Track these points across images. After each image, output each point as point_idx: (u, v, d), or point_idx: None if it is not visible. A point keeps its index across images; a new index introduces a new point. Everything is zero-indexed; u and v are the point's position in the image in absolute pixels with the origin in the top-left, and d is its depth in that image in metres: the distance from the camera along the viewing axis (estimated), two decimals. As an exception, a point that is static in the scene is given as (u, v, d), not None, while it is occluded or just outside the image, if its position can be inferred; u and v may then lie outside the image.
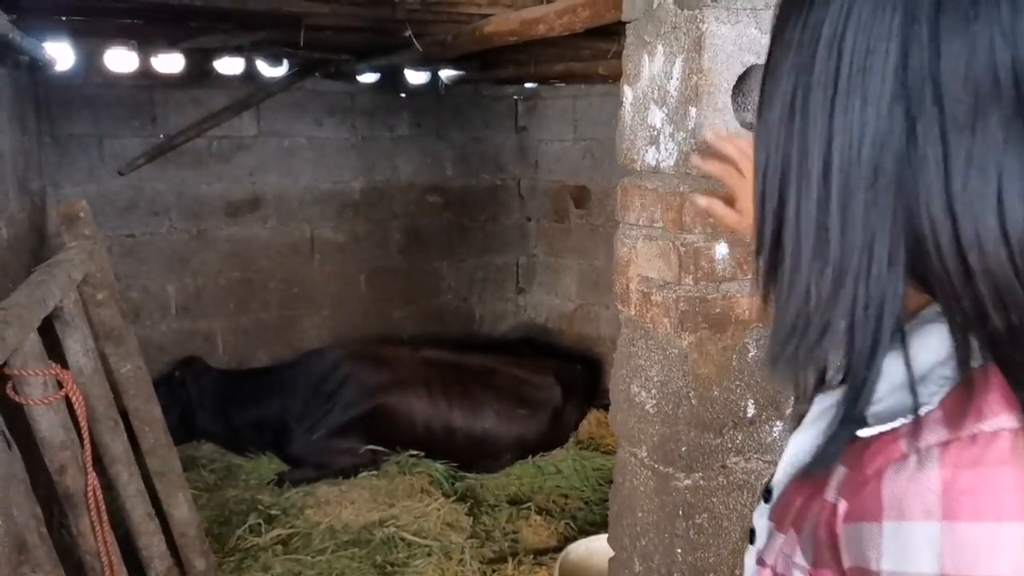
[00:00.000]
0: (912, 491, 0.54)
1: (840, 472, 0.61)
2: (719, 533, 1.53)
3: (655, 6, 1.44)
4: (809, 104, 0.60)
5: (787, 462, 0.69)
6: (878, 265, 0.58)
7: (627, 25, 1.55)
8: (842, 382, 0.64)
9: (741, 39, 1.35)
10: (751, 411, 1.50)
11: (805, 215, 0.61)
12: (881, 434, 0.58)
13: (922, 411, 0.56)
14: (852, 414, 0.61)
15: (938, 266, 0.56)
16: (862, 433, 0.59)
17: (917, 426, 0.56)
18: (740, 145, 1.25)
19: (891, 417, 0.58)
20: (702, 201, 1.26)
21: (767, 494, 0.72)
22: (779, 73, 0.63)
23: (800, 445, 0.68)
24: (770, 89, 0.64)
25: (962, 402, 0.55)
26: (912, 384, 0.58)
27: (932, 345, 0.59)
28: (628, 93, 1.55)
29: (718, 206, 1.27)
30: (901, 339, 0.60)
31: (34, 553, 1.74)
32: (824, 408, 0.66)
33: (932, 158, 0.55)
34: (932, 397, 0.57)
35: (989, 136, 0.54)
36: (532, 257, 5.28)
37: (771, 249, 0.65)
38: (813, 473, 0.63)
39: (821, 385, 0.70)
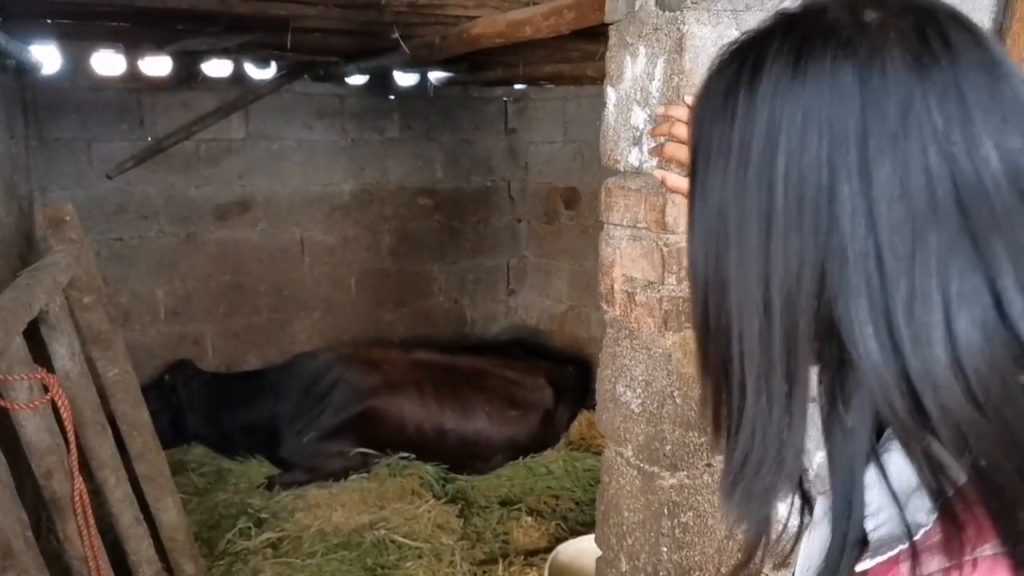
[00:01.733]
0: None
1: None
2: (704, 531, 1.53)
3: (637, 8, 1.45)
4: (745, 236, 0.57)
5: (802, 568, 0.67)
6: (828, 399, 0.56)
7: (610, 27, 1.56)
8: None
9: (721, 40, 1.36)
10: (735, 410, 1.51)
11: (748, 348, 0.58)
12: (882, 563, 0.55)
13: (919, 534, 0.54)
14: (847, 537, 0.58)
15: (887, 408, 0.53)
16: (861, 567, 0.56)
17: (915, 552, 0.53)
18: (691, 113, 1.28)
19: (890, 543, 0.55)
20: (658, 174, 1.33)
21: None
22: (709, 189, 0.60)
23: (810, 551, 0.66)
24: (701, 204, 0.61)
25: (955, 523, 0.52)
26: (900, 508, 0.55)
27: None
28: (611, 94, 1.56)
29: (672, 177, 1.31)
30: (876, 456, 0.57)
31: (20, 558, 1.73)
32: (827, 507, 0.64)
33: (866, 292, 0.52)
34: (929, 516, 0.54)
35: (930, 261, 0.51)
36: (523, 259, 5.29)
37: (717, 377, 0.62)
38: None
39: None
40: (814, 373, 0.58)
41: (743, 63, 0.58)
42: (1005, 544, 0.49)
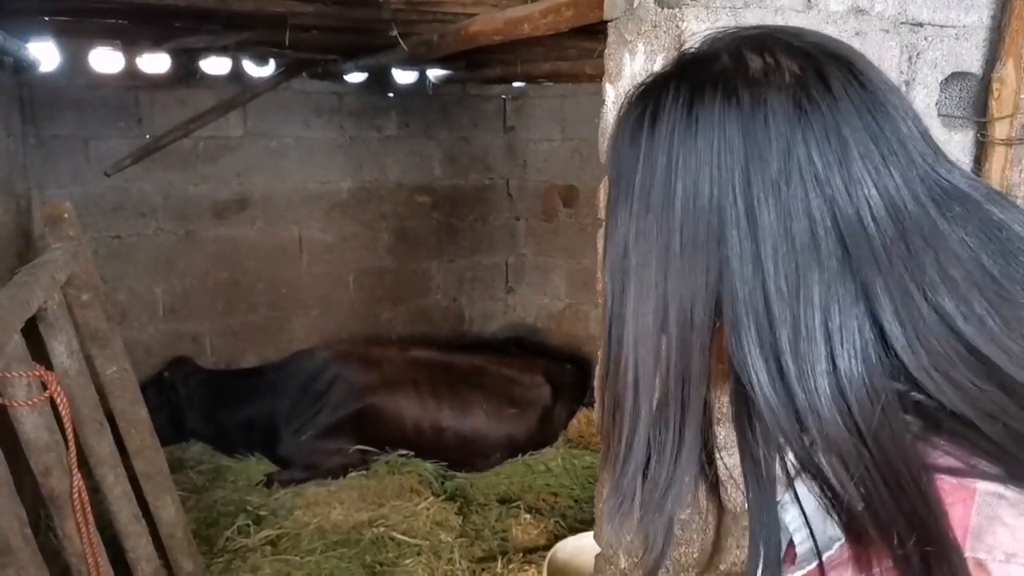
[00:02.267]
0: None
1: None
2: (703, 528, 1.54)
3: (636, 5, 1.45)
4: (644, 274, 0.60)
5: None
6: (735, 423, 0.59)
7: (608, 24, 1.55)
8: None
9: (720, 37, 1.36)
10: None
11: (644, 380, 0.61)
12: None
13: (835, 547, 0.56)
14: (765, 555, 0.61)
15: (781, 437, 0.56)
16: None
17: (831, 566, 0.56)
18: None
19: (810, 557, 0.58)
20: None
21: None
22: (616, 228, 0.63)
23: None
24: (610, 241, 0.64)
25: (861, 539, 0.54)
26: (810, 530, 0.58)
27: None
28: (610, 91, 1.56)
29: None
30: (788, 479, 0.60)
31: (18, 555, 1.73)
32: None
33: (755, 329, 0.55)
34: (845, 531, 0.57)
35: (813, 299, 0.54)
36: (521, 257, 5.29)
37: (613, 405, 0.64)
38: None
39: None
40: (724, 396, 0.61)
41: (644, 109, 0.61)
42: (896, 566, 0.51)
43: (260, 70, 4.09)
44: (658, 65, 1.41)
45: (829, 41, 0.59)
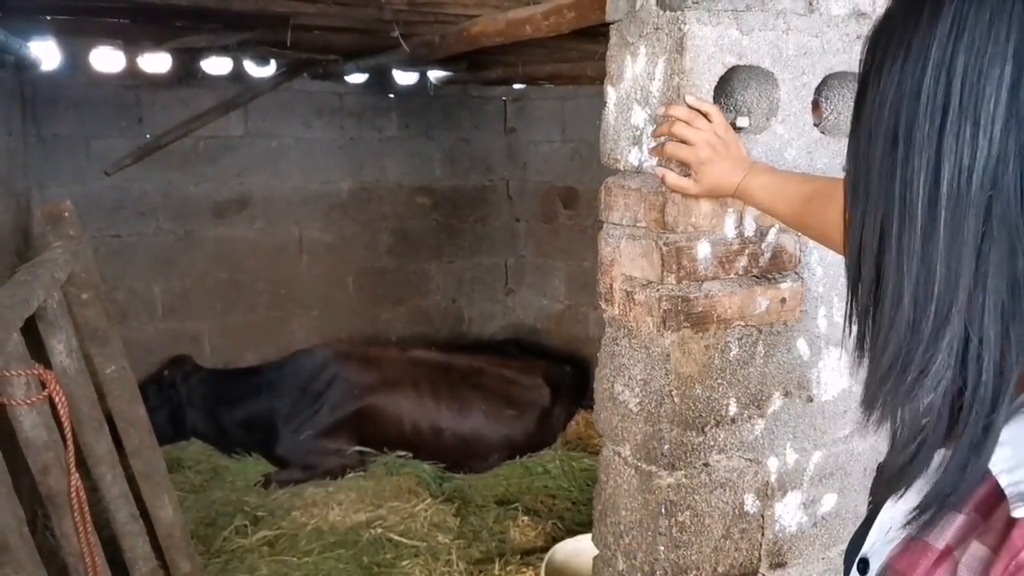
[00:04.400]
0: None
1: (977, 551, 0.56)
2: (701, 531, 1.54)
3: (638, 7, 1.45)
4: (914, 132, 0.56)
5: (884, 529, 0.66)
6: (994, 300, 0.54)
7: (610, 26, 1.56)
8: (947, 436, 0.58)
9: (722, 40, 1.36)
10: (733, 409, 1.51)
11: (908, 249, 0.57)
12: None
13: None
14: (971, 468, 0.56)
15: None
16: (1018, 514, 0.53)
17: None
18: (692, 112, 1.30)
19: None
20: (659, 171, 1.36)
21: (862, 564, 0.67)
22: (880, 105, 0.60)
23: (899, 512, 0.64)
24: (869, 123, 0.61)
25: None
26: None
27: None
28: (611, 93, 1.56)
29: (672, 176, 1.33)
30: None
31: (16, 554, 1.73)
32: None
33: None
34: None
35: None
36: (521, 258, 5.29)
37: (870, 286, 0.62)
38: (923, 537, 0.60)
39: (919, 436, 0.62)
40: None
41: None
42: None
43: (261, 70, 4.09)
44: (660, 67, 1.41)
45: None
